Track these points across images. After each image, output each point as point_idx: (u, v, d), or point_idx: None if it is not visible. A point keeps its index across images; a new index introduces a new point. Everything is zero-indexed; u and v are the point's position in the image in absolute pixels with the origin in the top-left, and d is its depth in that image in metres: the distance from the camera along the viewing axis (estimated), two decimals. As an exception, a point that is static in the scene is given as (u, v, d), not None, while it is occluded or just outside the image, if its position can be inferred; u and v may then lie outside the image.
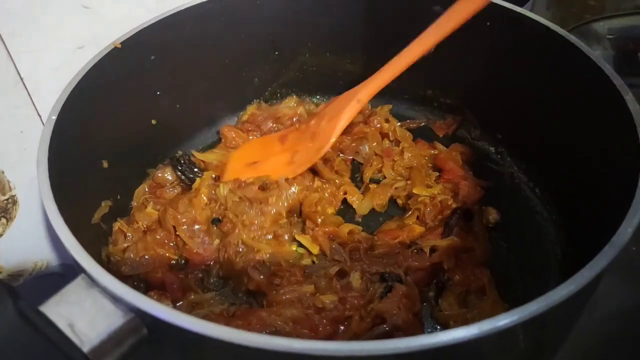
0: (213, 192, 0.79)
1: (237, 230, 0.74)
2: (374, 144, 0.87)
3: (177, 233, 0.74)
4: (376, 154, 0.87)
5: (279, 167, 0.81)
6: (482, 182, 0.81)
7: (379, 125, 0.89)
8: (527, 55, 0.72)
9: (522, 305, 0.42)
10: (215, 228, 0.77)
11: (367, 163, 0.86)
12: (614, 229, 0.49)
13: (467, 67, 0.83)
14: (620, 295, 0.74)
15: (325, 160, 0.82)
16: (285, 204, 0.77)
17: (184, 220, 0.75)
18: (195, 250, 0.74)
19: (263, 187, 0.78)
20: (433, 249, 0.70)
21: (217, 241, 0.75)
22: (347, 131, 0.85)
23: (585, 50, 0.67)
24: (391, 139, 0.89)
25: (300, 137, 0.83)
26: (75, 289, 0.46)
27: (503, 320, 0.41)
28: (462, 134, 0.92)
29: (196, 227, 0.75)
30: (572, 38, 0.69)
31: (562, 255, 0.73)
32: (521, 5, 0.78)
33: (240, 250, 0.73)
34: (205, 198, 0.78)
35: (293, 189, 0.78)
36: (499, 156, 0.87)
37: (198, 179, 0.81)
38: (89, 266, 0.46)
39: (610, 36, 1.08)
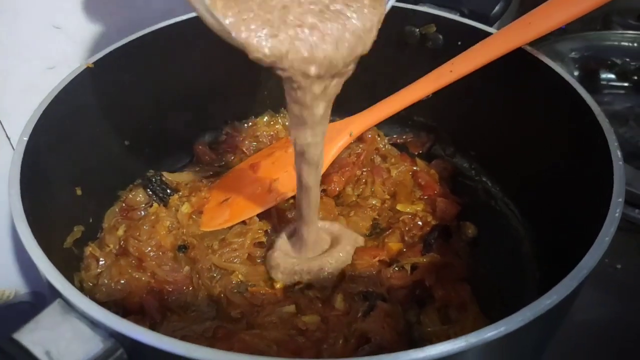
0: (175, 218, 0.78)
1: (207, 256, 0.73)
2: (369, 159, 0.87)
3: (144, 264, 0.71)
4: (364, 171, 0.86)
5: (257, 197, 0.79)
6: (457, 198, 0.81)
7: (369, 136, 0.88)
8: (498, 75, 0.74)
9: (507, 317, 0.43)
10: (182, 255, 0.74)
11: (358, 181, 0.85)
12: (586, 245, 0.50)
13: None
14: (597, 303, 0.76)
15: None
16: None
17: (148, 248, 0.73)
18: (165, 279, 0.70)
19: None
20: (414, 266, 0.70)
21: (187, 268, 0.72)
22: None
23: (556, 69, 0.69)
24: (381, 153, 0.89)
25: (277, 164, 0.82)
26: (51, 315, 0.44)
27: (490, 332, 0.41)
28: (436, 151, 0.93)
29: (162, 253, 0.73)
30: (542, 57, 0.71)
31: (538, 269, 0.73)
32: (491, 25, 0.80)
33: (215, 275, 0.72)
34: (168, 223, 0.76)
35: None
36: (473, 172, 0.89)
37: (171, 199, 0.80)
38: (66, 290, 0.44)
39: (574, 55, 1.12)
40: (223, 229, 0.77)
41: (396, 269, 0.70)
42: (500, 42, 0.72)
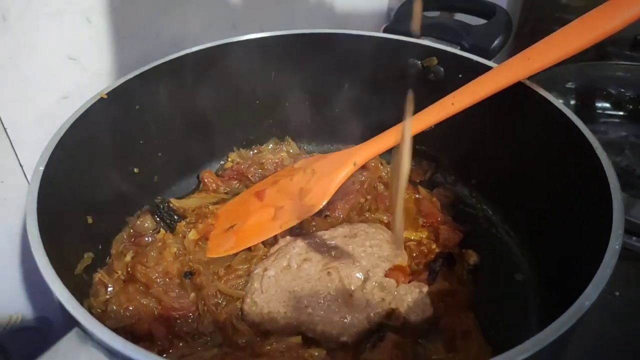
0: (181, 245, 0.79)
1: (212, 282, 0.73)
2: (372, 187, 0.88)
3: (151, 290, 0.72)
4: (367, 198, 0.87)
5: (262, 224, 0.80)
6: (459, 226, 0.83)
7: (372, 164, 0.90)
8: (498, 106, 0.75)
9: (513, 349, 0.44)
10: (188, 281, 0.75)
11: (362, 208, 0.86)
12: (587, 275, 0.51)
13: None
14: (595, 330, 0.76)
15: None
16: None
17: (155, 275, 0.73)
18: (171, 305, 0.71)
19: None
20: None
21: (192, 294, 0.73)
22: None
23: (554, 102, 0.71)
24: (384, 181, 0.90)
25: (282, 192, 0.83)
26: (68, 344, 0.45)
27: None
28: (438, 179, 0.95)
29: (169, 279, 0.73)
30: (541, 90, 0.73)
31: (539, 296, 0.74)
32: (490, 59, 0.83)
33: (221, 302, 0.72)
34: (174, 249, 0.77)
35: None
36: (474, 200, 0.90)
37: (178, 225, 0.81)
38: (84, 319, 0.45)
39: (570, 85, 1.15)
40: (229, 256, 0.78)
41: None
42: (500, 76, 0.74)
